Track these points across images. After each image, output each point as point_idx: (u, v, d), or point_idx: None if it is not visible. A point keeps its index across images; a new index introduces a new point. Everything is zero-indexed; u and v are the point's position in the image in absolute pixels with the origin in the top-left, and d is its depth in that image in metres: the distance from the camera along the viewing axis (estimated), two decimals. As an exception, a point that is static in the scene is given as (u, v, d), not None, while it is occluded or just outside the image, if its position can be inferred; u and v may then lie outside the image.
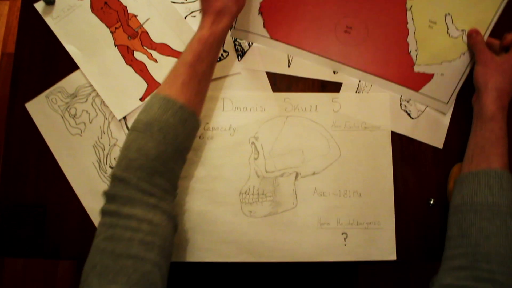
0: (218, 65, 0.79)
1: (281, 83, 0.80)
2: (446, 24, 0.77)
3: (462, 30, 0.77)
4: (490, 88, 0.70)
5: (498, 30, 0.76)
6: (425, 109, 0.80)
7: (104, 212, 0.58)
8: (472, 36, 0.75)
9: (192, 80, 0.66)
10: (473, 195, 0.64)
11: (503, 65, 0.70)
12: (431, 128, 0.80)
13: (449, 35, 0.77)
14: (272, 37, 0.80)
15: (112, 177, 0.59)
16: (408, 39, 0.78)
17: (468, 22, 0.76)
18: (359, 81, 0.80)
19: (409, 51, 0.78)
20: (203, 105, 0.71)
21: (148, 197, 0.58)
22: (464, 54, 0.78)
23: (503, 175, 0.64)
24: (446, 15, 0.76)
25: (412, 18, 0.77)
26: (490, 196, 0.62)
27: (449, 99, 0.79)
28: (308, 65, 0.80)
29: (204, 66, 0.67)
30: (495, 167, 0.65)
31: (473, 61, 0.77)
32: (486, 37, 0.77)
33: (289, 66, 0.80)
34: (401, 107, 0.80)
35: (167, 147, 0.61)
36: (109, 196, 0.58)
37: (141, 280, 0.52)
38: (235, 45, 0.80)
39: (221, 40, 0.70)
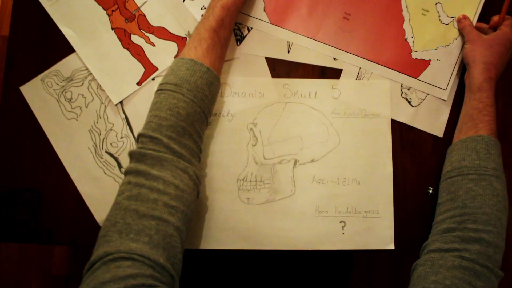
0: (217, 50, 0.78)
1: (280, 68, 0.79)
2: (438, 11, 0.80)
3: (453, 17, 0.80)
4: (477, 61, 0.73)
5: (484, 16, 0.80)
6: (425, 97, 0.79)
7: (130, 171, 0.57)
8: (461, 21, 0.79)
9: (216, 45, 0.68)
10: (461, 160, 0.67)
11: (490, 40, 0.74)
12: (432, 116, 0.79)
13: (441, 21, 0.81)
14: (271, 22, 0.79)
15: (140, 136, 0.60)
16: (404, 26, 0.80)
17: (456, 9, 0.80)
18: (359, 68, 0.79)
19: (406, 37, 0.80)
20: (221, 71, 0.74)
21: (178, 159, 0.59)
22: (456, 39, 0.80)
23: (490, 141, 0.67)
24: (436, 3, 0.80)
25: (406, 6, 0.80)
26: (477, 160, 0.65)
27: (447, 85, 0.80)
28: (308, 51, 0.79)
29: (226, 32, 0.71)
30: (482, 133, 0.68)
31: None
32: (474, 22, 0.80)
33: (288, 52, 0.79)
34: (401, 95, 0.79)
35: (196, 108, 0.63)
36: (139, 155, 0.58)
37: (162, 241, 0.53)
38: (234, 29, 0.79)
39: (239, 8, 0.73)
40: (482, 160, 0.65)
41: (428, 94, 0.79)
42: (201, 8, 0.78)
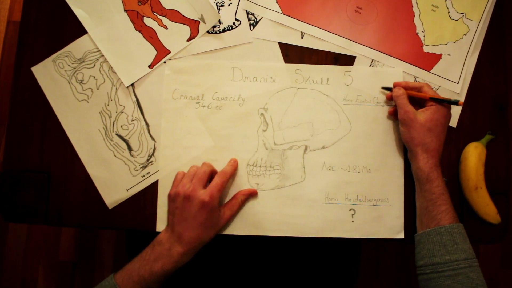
0: (229, 34, 0.78)
1: (293, 54, 0.78)
2: (447, 8, 0.81)
3: (462, 13, 0.80)
4: (420, 151, 0.69)
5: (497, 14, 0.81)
6: (439, 86, 0.78)
7: None
8: (395, 91, 0.74)
9: None
10: (431, 256, 0.64)
11: (427, 123, 0.69)
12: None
13: (450, 17, 0.81)
14: (284, 13, 0.79)
15: None
16: (414, 21, 0.80)
17: (466, 6, 0.81)
18: (372, 60, 0.78)
19: (416, 32, 0.80)
20: None
21: None
22: (466, 34, 0.80)
23: (453, 229, 0.65)
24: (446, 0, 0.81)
25: (416, 2, 0.81)
26: (447, 255, 0.63)
27: (459, 78, 0.79)
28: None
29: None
30: (443, 223, 0.66)
31: (475, 42, 0.80)
32: (484, 22, 0.80)
33: (302, 38, 0.78)
34: (415, 83, 0.78)
35: None
36: None
37: None
38: (247, 13, 0.78)
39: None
40: (451, 253, 0.63)
41: (439, 86, 0.79)
42: (214, -8, 0.78)
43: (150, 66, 0.77)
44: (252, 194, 0.74)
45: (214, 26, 0.78)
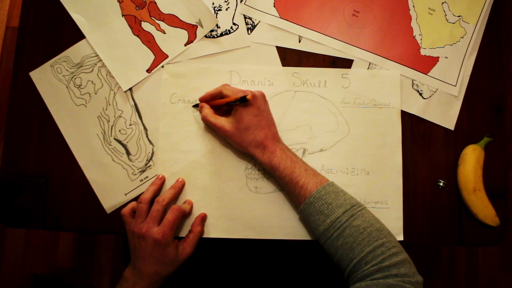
0: (227, 38, 0.78)
1: (291, 58, 0.78)
2: (444, 11, 0.81)
3: (459, 16, 0.81)
4: (252, 150, 0.70)
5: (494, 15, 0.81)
6: (437, 89, 0.78)
7: None
8: (201, 113, 0.74)
9: None
10: (317, 227, 0.65)
11: (240, 127, 0.69)
12: (443, 108, 0.78)
13: (447, 20, 0.81)
14: (281, 17, 0.79)
15: None
16: (411, 24, 0.81)
17: (462, 8, 0.81)
18: (369, 63, 0.79)
19: (413, 35, 0.81)
20: None
21: None
22: (463, 37, 0.81)
23: (320, 193, 0.66)
24: (443, 3, 0.82)
25: (413, 6, 0.81)
26: (327, 218, 0.64)
27: (457, 81, 0.79)
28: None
29: None
30: (309, 194, 0.66)
31: (472, 45, 0.81)
32: (482, 23, 0.81)
33: (299, 41, 0.78)
34: (412, 86, 0.78)
35: None
36: None
37: None
38: (245, 18, 0.79)
39: None
40: (330, 215, 0.64)
41: (437, 89, 0.79)
42: (212, -3, 0.78)
43: (148, 71, 0.77)
44: (203, 219, 0.74)
45: (211, 31, 0.78)
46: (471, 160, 0.74)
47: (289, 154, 0.69)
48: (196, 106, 0.76)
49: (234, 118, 0.70)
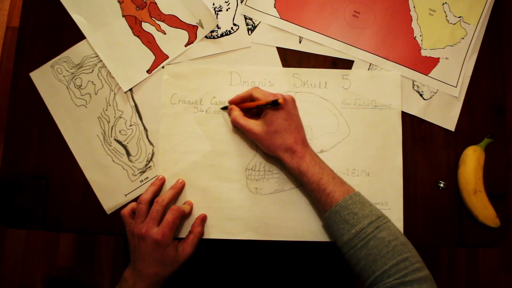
0: (227, 39, 0.78)
1: (291, 59, 0.78)
2: (445, 12, 0.81)
3: (459, 17, 0.81)
4: (281, 154, 0.69)
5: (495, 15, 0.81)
6: (437, 90, 0.78)
7: None
8: (231, 116, 0.74)
9: None
10: (341, 236, 0.64)
11: (270, 130, 0.69)
12: (444, 110, 0.78)
13: (448, 21, 0.81)
14: (282, 18, 0.79)
15: None
16: (412, 25, 0.81)
17: (463, 9, 0.81)
18: (370, 64, 0.78)
19: (414, 36, 0.80)
20: None
21: None
22: (463, 38, 0.80)
23: (347, 203, 0.65)
24: (443, 3, 0.81)
25: (414, 6, 0.81)
26: (352, 228, 0.63)
27: (457, 82, 0.79)
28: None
29: None
30: (336, 202, 0.65)
31: (473, 46, 0.80)
32: (483, 23, 0.81)
33: (300, 42, 0.78)
34: (413, 87, 0.78)
35: None
36: None
37: None
38: (245, 18, 0.79)
39: None
40: (355, 225, 0.63)
41: (438, 90, 0.79)
42: (212, -3, 0.78)
43: (149, 71, 0.77)
44: (203, 220, 0.74)
45: (212, 31, 0.78)
46: (472, 161, 0.74)
47: (318, 160, 0.69)
48: (224, 108, 0.76)
49: (263, 121, 0.70)
